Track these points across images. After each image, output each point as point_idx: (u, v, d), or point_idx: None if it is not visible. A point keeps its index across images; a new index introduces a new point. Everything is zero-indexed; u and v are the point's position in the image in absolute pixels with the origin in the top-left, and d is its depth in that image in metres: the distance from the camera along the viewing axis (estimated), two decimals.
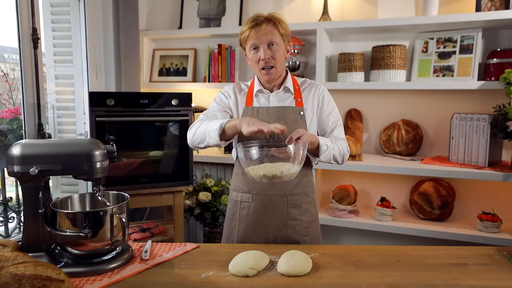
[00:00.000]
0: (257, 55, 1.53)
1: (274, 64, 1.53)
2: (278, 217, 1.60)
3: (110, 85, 2.73)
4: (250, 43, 1.53)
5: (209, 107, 1.67)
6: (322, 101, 1.63)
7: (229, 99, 1.65)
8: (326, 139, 1.54)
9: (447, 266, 1.31)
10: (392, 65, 2.46)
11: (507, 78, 2.13)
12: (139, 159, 2.43)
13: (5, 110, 2.19)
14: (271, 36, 1.51)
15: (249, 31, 1.52)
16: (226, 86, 1.69)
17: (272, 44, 1.52)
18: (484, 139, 2.24)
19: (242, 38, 1.56)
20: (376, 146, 2.76)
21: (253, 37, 1.51)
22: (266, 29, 1.50)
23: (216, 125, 1.46)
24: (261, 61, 1.53)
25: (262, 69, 1.54)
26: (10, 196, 2.16)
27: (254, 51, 1.54)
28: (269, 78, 1.56)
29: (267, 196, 1.59)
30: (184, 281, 1.22)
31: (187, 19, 3.01)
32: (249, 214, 1.61)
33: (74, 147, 1.30)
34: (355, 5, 2.70)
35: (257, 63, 1.55)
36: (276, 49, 1.52)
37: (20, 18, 2.09)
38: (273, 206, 1.59)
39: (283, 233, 1.60)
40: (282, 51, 1.55)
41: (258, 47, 1.52)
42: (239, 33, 1.57)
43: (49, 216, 1.30)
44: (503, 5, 2.27)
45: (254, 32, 1.51)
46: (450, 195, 2.42)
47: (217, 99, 1.67)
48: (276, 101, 1.60)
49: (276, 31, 1.52)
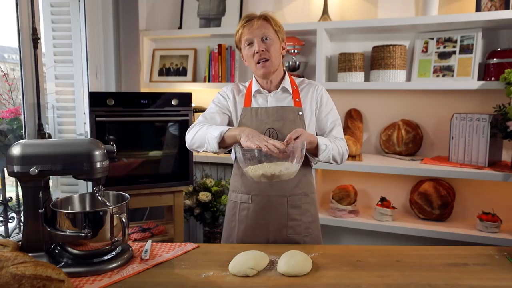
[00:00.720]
0: (251, 49, 1.54)
1: (269, 57, 1.53)
2: (277, 218, 1.59)
3: (110, 85, 2.73)
4: (244, 39, 1.55)
5: (208, 108, 1.67)
6: (320, 101, 1.63)
7: (227, 100, 1.65)
8: (325, 138, 1.54)
9: (447, 266, 1.31)
10: (392, 65, 2.46)
11: (507, 78, 2.13)
12: (139, 159, 2.43)
13: (5, 110, 2.19)
14: (264, 30, 1.53)
15: (242, 28, 1.55)
16: (225, 87, 1.69)
17: (266, 38, 1.53)
18: (484, 139, 2.24)
19: (237, 37, 1.58)
20: (376, 146, 2.76)
21: (246, 33, 1.53)
22: (258, 23, 1.52)
23: (216, 132, 1.46)
24: (255, 55, 1.53)
25: (258, 63, 1.54)
26: (10, 196, 2.16)
27: (248, 46, 1.55)
28: (265, 71, 1.55)
29: (266, 196, 1.58)
30: (184, 281, 1.22)
31: (187, 19, 3.01)
32: (249, 215, 1.61)
33: (74, 147, 1.30)
34: (355, 5, 2.70)
35: (252, 58, 1.55)
36: (270, 43, 1.53)
37: (20, 18, 2.09)
38: (273, 206, 1.59)
39: (283, 234, 1.60)
40: (276, 46, 1.55)
41: (252, 42, 1.53)
42: (234, 35, 1.59)
43: (49, 216, 1.30)
44: (503, 5, 2.27)
45: (247, 28, 1.53)
46: (450, 195, 2.42)
47: (215, 101, 1.67)
48: (274, 101, 1.60)
49: (269, 26, 1.54)
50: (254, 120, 1.57)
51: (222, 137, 1.45)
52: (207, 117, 1.61)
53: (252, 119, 1.57)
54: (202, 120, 1.61)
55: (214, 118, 1.60)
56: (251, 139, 1.35)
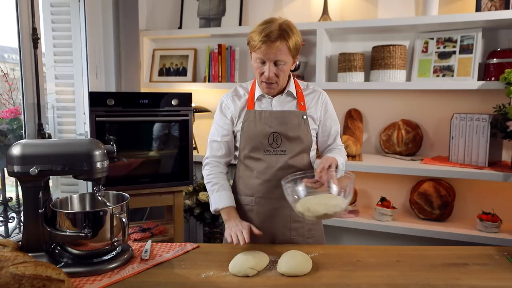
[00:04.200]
0: (261, 68, 1.50)
1: (277, 81, 1.51)
2: (281, 220, 1.60)
3: (110, 85, 2.73)
4: (258, 56, 1.48)
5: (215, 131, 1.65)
6: (325, 108, 1.64)
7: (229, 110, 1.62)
8: (338, 155, 1.55)
9: (447, 266, 1.31)
10: (392, 65, 2.46)
11: (507, 78, 2.13)
12: (139, 159, 2.43)
13: (5, 110, 2.19)
14: (280, 56, 1.46)
15: (260, 43, 1.44)
16: (224, 96, 1.65)
17: (279, 62, 1.47)
18: (484, 139, 2.23)
19: (251, 44, 1.50)
20: (376, 146, 2.76)
21: (262, 52, 1.46)
22: (278, 47, 1.44)
23: (212, 207, 1.58)
24: (263, 76, 1.50)
25: (263, 81, 1.53)
26: (10, 196, 2.16)
27: (259, 63, 1.50)
28: (268, 91, 1.56)
29: (270, 199, 1.58)
30: (184, 281, 1.22)
31: (187, 19, 3.01)
32: (253, 217, 1.60)
33: (74, 147, 1.30)
34: (355, 5, 2.70)
35: (259, 75, 1.52)
36: (281, 68, 1.49)
37: (20, 18, 2.08)
38: (276, 209, 1.59)
39: (286, 236, 1.60)
40: (287, 67, 1.51)
41: (265, 62, 1.48)
42: (249, 36, 1.51)
43: (49, 216, 1.30)
44: (503, 5, 2.27)
45: (264, 47, 1.44)
46: (450, 195, 2.42)
47: (220, 123, 1.64)
48: (279, 105, 1.59)
49: (286, 49, 1.46)
50: (258, 124, 1.56)
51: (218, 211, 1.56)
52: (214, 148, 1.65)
53: (255, 122, 1.56)
54: (211, 153, 1.65)
55: (221, 150, 1.63)
56: (228, 231, 1.44)
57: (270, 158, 1.56)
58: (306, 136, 1.57)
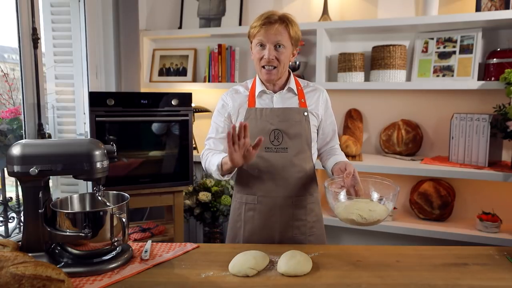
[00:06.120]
0: (261, 52, 1.51)
1: (277, 65, 1.51)
2: (283, 218, 1.60)
3: (110, 85, 2.73)
4: (258, 39, 1.51)
5: (211, 129, 1.66)
6: (326, 106, 1.66)
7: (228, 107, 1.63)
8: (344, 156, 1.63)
9: (447, 266, 1.31)
10: (392, 65, 2.46)
11: (507, 78, 2.13)
12: (139, 159, 2.43)
13: (5, 110, 2.19)
14: (280, 37, 1.49)
15: (259, 27, 1.49)
16: (224, 95, 1.66)
17: (279, 45, 1.49)
18: (484, 139, 2.24)
19: (251, 32, 1.54)
20: (376, 146, 2.76)
21: (261, 34, 1.49)
22: (277, 29, 1.48)
23: (214, 166, 1.53)
24: (263, 59, 1.51)
25: (263, 67, 1.53)
26: (10, 196, 2.16)
27: (259, 47, 1.52)
28: (268, 78, 1.54)
29: (272, 197, 1.58)
30: (184, 281, 1.22)
31: (187, 19, 3.01)
32: (255, 215, 1.61)
33: (74, 147, 1.30)
34: (355, 5, 2.70)
35: (259, 61, 1.53)
36: (282, 51, 1.50)
37: (20, 18, 2.08)
38: (279, 207, 1.59)
39: (288, 234, 1.60)
40: (288, 53, 1.53)
41: (265, 45, 1.50)
42: (250, 27, 1.55)
43: (49, 216, 1.30)
44: (503, 5, 2.27)
45: (264, 29, 1.48)
46: (450, 195, 2.42)
47: (216, 121, 1.65)
48: (280, 101, 1.59)
49: (286, 33, 1.50)
50: (259, 121, 1.56)
51: (221, 168, 1.51)
52: (211, 144, 1.65)
53: (257, 120, 1.57)
54: (208, 148, 1.65)
55: (218, 147, 1.63)
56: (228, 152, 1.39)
57: (272, 156, 1.56)
58: (307, 133, 1.58)
